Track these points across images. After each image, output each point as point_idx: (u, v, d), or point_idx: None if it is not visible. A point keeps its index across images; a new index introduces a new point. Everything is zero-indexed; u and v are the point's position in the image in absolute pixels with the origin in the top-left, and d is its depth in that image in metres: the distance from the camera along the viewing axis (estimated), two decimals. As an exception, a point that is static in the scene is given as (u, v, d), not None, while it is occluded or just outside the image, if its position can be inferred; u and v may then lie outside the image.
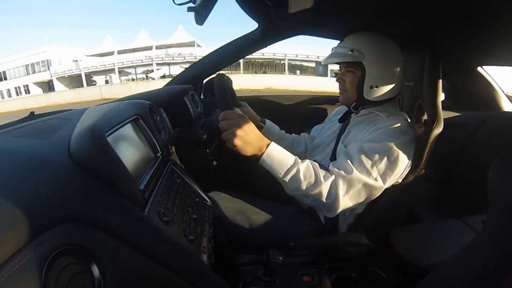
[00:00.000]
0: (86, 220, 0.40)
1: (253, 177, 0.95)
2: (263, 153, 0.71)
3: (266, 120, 1.11)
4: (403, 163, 0.79)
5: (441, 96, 0.84)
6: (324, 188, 0.74)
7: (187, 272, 0.53)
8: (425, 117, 0.88)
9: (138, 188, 0.55)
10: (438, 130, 0.79)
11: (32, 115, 0.88)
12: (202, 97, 1.51)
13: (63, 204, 0.39)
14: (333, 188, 0.75)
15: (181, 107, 1.06)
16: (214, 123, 0.77)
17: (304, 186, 0.73)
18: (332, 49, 0.93)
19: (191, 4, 0.68)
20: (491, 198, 0.46)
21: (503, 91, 1.39)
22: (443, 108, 0.82)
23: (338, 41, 0.93)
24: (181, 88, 1.12)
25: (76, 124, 0.58)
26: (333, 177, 0.76)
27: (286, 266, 0.68)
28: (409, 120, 0.87)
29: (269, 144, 0.73)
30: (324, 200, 0.74)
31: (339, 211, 0.76)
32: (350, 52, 0.86)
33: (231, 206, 0.90)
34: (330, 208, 0.77)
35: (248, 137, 0.69)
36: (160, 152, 0.74)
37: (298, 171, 0.73)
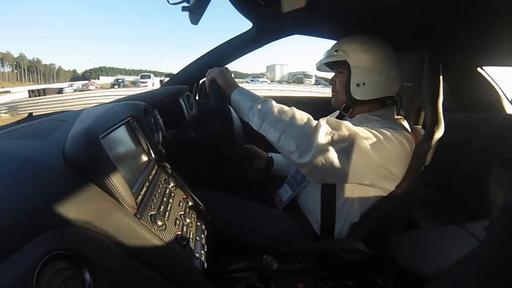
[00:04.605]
0: (77, 224, 0.40)
1: (245, 180, 0.93)
2: (237, 87, 0.78)
3: (272, 154, 1.10)
4: (397, 165, 0.77)
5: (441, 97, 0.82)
6: (300, 115, 0.71)
7: (179, 278, 0.52)
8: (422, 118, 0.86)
9: (130, 192, 0.54)
10: (439, 134, 0.77)
11: (30, 116, 0.87)
12: (197, 98, 1.49)
13: (54, 207, 0.38)
14: (313, 120, 0.71)
15: (175, 108, 1.05)
16: (206, 127, 0.77)
17: (276, 110, 0.71)
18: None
19: (185, 4, 0.67)
20: (493, 204, 0.45)
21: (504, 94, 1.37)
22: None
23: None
24: (176, 88, 1.10)
25: (72, 125, 0.58)
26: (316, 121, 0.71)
27: (281, 273, 0.66)
28: (408, 128, 0.85)
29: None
30: (299, 127, 0.68)
31: (314, 153, 0.66)
32: (335, 53, 0.88)
33: (220, 206, 0.89)
34: (304, 145, 0.67)
35: (227, 77, 0.79)
36: (153, 155, 0.73)
37: (270, 101, 0.74)
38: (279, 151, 0.73)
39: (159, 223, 0.55)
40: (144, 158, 0.71)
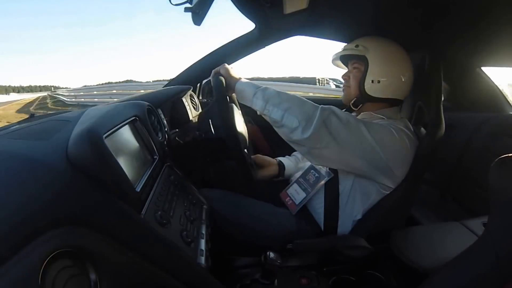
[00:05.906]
0: (82, 223, 0.40)
1: (249, 178, 0.94)
2: (240, 79, 0.82)
3: (279, 158, 1.12)
4: (398, 162, 0.78)
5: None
6: (302, 98, 0.75)
7: (184, 275, 0.53)
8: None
9: (135, 191, 0.54)
10: (440, 133, 0.78)
11: (32, 117, 0.87)
12: (200, 98, 1.50)
13: (58, 206, 0.39)
14: (315, 104, 0.75)
15: (179, 108, 1.06)
16: (209, 126, 0.78)
17: (279, 94, 0.76)
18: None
19: (187, 5, 0.68)
20: (492, 201, 0.46)
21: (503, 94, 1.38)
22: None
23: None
24: (180, 88, 1.11)
25: (75, 125, 0.57)
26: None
27: (284, 269, 0.67)
28: (411, 128, 0.86)
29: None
30: (302, 106, 0.74)
31: (315, 127, 0.71)
32: (355, 47, 0.89)
33: (225, 205, 0.89)
34: (306, 120, 0.72)
35: (231, 72, 0.82)
36: (156, 154, 0.74)
37: (272, 88, 0.78)
38: (280, 131, 0.76)
39: (164, 220, 0.55)
40: (148, 157, 0.71)
